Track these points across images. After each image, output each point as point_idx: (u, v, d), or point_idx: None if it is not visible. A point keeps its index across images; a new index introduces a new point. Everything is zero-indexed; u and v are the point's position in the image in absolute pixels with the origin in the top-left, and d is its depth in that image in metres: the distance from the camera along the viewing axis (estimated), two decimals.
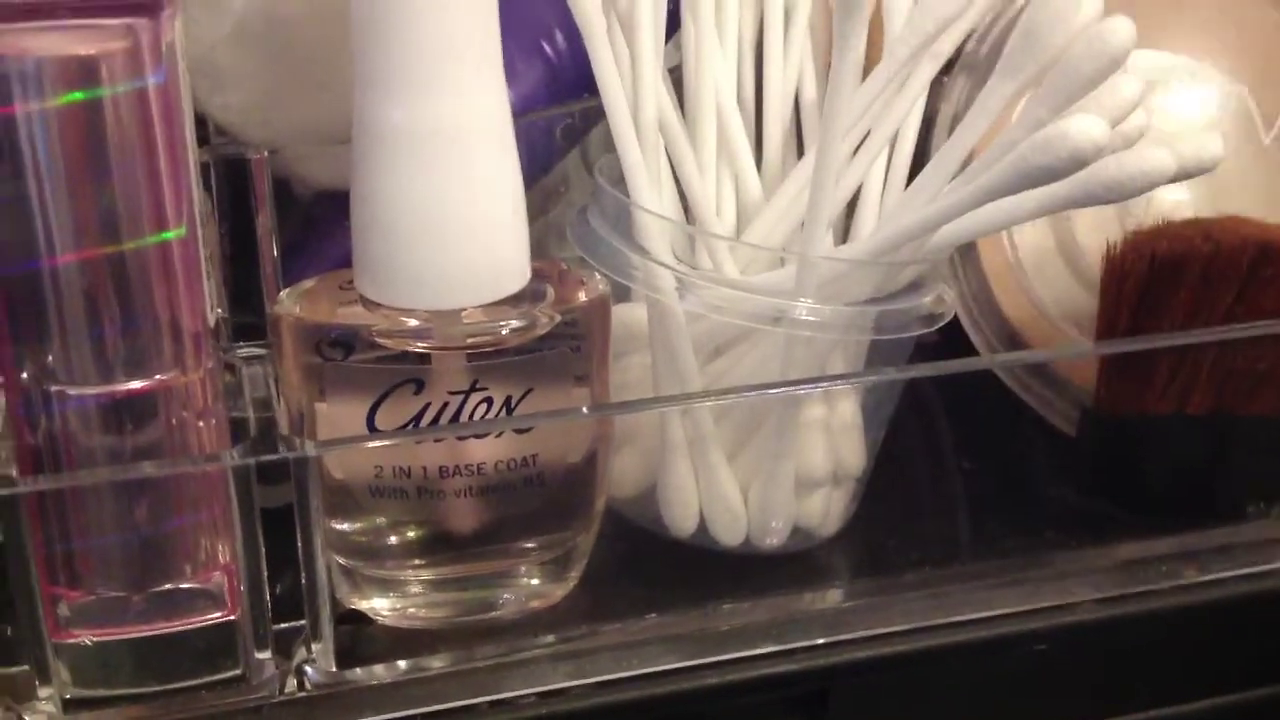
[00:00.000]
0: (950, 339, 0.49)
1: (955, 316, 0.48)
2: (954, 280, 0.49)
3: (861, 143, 0.44)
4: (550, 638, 0.42)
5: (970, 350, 0.50)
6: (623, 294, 0.45)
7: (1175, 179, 0.38)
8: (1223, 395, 0.46)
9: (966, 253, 0.49)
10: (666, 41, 0.44)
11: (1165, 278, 0.44)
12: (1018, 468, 0.52)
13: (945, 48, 0.44)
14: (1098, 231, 0.48)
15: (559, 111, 0.50)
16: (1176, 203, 0.50)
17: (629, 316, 0.45)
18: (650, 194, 0.42)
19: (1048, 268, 0.50)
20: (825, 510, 0.46)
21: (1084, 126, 0.35)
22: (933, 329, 0.43)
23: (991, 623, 0.44)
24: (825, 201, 0.40)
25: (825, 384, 0.43)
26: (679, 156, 0.44)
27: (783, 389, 0.42)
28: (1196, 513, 0.48)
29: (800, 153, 0.47)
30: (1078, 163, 0.36)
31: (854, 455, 0.46)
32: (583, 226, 0.44)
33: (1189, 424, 0.46)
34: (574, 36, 0.45)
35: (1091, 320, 0.47)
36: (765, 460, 0.44)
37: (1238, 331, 0.44)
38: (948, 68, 0.47)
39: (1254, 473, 0.48)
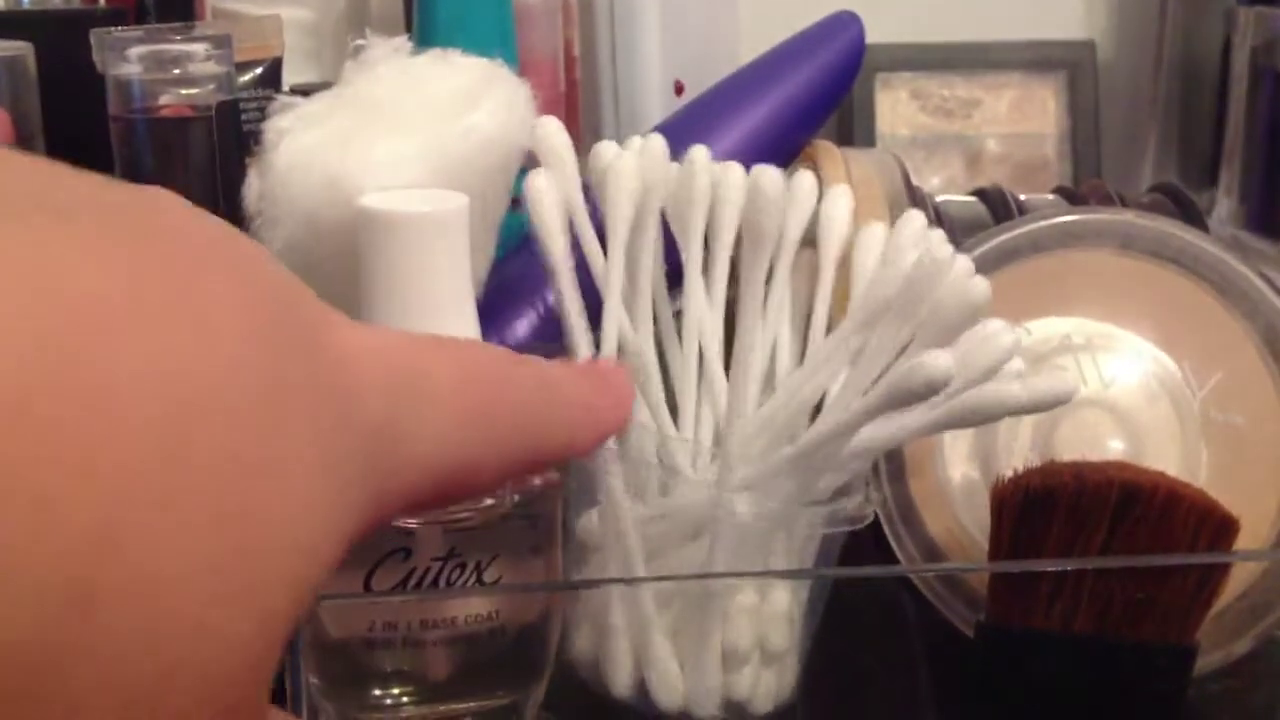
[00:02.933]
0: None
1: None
2: (881, 503, 0.57)
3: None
4: None
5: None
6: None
7: (1029, 409, 0.46)
8: (1105, 620, 0.52)
9: (895, 479, 0.57)
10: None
11: (1038, 509, 0.51)
12: (927, 673, 0.58)
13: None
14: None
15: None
16: (1110, 450, 0.59)
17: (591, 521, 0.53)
18: None
19: (975, 495, 0.58)
20: (753, 686, 0.53)
21: (935, 359, 0.43)
22: (854, 528, 0.51)
23: None
24: (737, 411, 0.49)
25: (734, 576, 0.51)
26: (650, 379, 0.53)
27: (701, 577, 0.50)
28: None
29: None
30: (932, 388, 0.44)
31: (780, 638, 0.53)
32: None
33: (1073, 642, 0.52)
34: None
35: None
36: (698, 634, 0.51)
37: (1094, 562, 0.50)
38: None
39: (1141, 694, 0.54)
